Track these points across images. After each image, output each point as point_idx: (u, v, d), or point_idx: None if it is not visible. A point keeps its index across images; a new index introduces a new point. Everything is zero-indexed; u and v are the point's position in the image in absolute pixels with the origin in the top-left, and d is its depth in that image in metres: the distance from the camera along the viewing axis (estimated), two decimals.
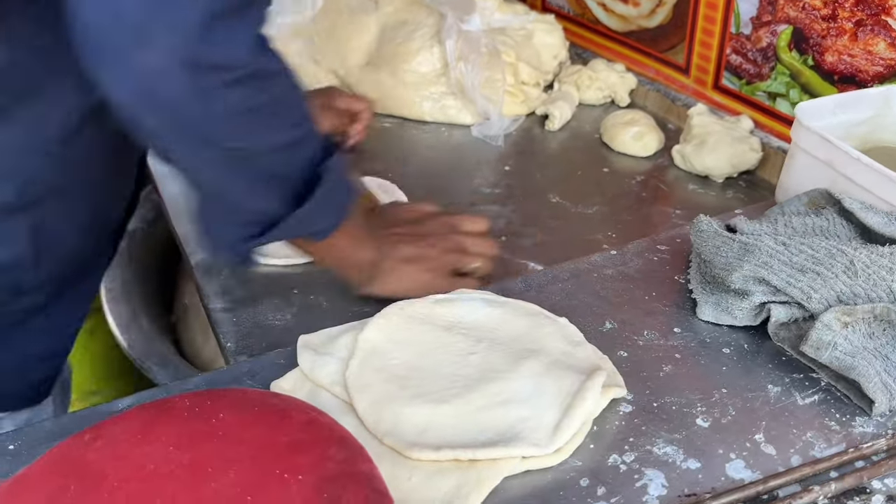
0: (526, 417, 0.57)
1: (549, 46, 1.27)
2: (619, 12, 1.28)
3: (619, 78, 1.25)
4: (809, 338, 0.62)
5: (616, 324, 0.69)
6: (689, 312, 0.71)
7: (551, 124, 1.18)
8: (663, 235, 0.83)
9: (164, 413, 0.49)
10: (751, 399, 0.62)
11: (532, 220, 0.96)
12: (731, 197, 1.02)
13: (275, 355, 0.67)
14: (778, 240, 0.68)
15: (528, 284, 0.76)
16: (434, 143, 1.16)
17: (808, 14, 0.97)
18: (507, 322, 0.67)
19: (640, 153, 1.11)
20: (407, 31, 1.19)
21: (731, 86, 1.12)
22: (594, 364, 0.62)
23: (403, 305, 0.68)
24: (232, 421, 0.48)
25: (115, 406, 0.61)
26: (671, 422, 0.59)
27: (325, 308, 0.81)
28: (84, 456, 0.47)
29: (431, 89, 1.18)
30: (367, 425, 0.57)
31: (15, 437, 0.59)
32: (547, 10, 1.44)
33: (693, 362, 0.65)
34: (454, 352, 0.63)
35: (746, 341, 0.68)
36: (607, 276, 0.76)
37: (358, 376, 0.60)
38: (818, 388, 0.63)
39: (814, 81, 0.99)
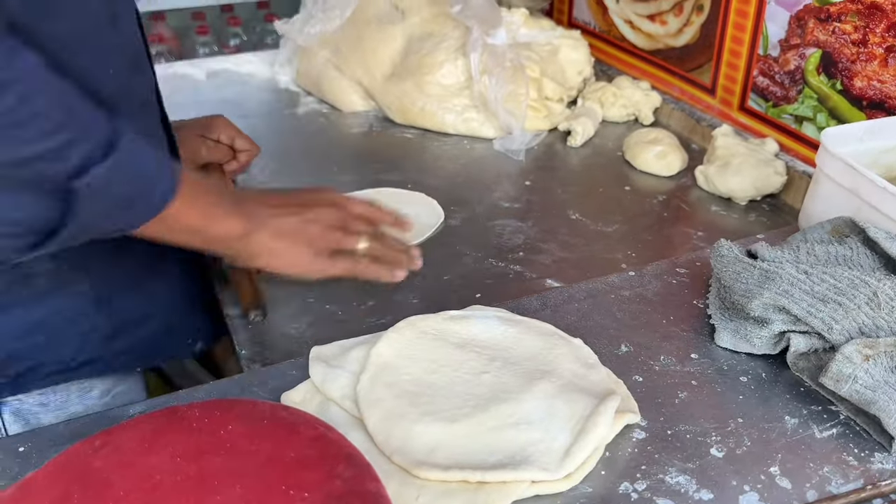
0: (537, 440, 0.56)
1: (574, 62, 1.27)
2: (645, 30, 1.28)
3: (644, 96, 1.24)
4: (829, 370, 0.60)
5: (632, 347, 0.68)
6: (706, 338, 0.70)
7: (573, 140, 1.18)
8: (683, 258, 0.81)
9: (173, 422, 0.49)
10: (767, 430, 0.60)
11: (551, 237, 0.96)
12: (753, 220, 1.00)
13: (287, 365, 0.67)
14: (800, 268, 0.67)
15: (543, 303, 0.75)
16: (455, 156, 1.16)
17: (837, 38, 0.96)
18: (521, 341, 0.66)
19: (663, 172, 1.10)
20: (432, 42, 1.19)
21: (758, 108, 1.10)
22: (608, 388, 0.61)
23: (416, 320, 0.68)
24: (240, 433, 0.48)
25: (125, 411, 0.61)
26: (685, 450, 0.58)
27: (340, 318, 0.81)
28: (90, 463, 0.47)
29: (454, 101, 1.18)
30: (377, 442, 0.56)
31: (25, 440, 0.59)
32: (573, 25, 1.43)
33: (709, 390, 0.64)
34: (467, 370, 0.63)
35: (764, 370, 0.67)
36: (625, 297, 0.75)
37: (369, 391, 0.60)
38: (837, 422, 0.61)
39: (842, 106, 0.98)
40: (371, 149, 1.17)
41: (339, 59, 1.24)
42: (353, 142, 1.20)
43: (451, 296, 0.85)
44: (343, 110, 1.26)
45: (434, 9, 1.22)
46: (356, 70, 1.22)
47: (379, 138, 1.20)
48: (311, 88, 1.29)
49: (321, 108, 1.28)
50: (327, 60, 1.24)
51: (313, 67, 1.26)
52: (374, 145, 1.18)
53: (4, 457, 0.57)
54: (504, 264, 0.90)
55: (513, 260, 0.91)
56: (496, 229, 0.97)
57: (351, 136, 1.21)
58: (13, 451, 0.58)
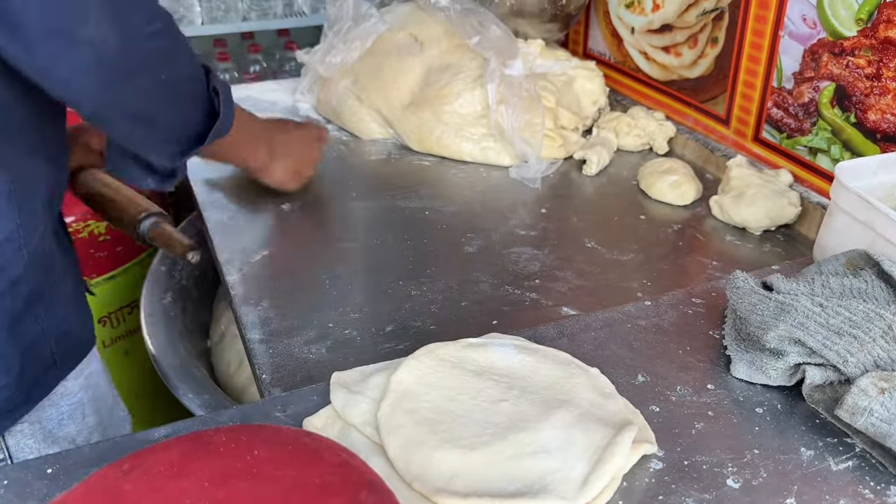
0: (555, 469, 0.57)
1: (590, 92, 1.29)
2: (660, 61, 1.30)
3: (658, 126, 1.26)
4: (845, 402, 0.61)
5: (649, 377, 0.69)
6: (722, 369, 0.70)
7: (589, 169, 1.19)
8: (699, 288, 0.82)
9: (201, 447, 0.50)
10: (783, 462, 0.61)
11: (566, 265, 0.97)
12: (768, 251, 1.01)
13: (308, 391, 0.68)
14: (815, 300, 0.67)
15: (560, 331, 0.76)
16: (472, 183, 1.17)
17: (851, 72, 0.97)
18: (538, 370, 0.67)
19: (678, 202, 1.11)
20: (450, 73, 1.21)
21: (772, 139, 1.12)
22: (625, 418, 0.62)
23: (434, 348, 0.69)
24: (266, 458, 0.49)
25: (151, 434, 0.63)
26: (702, 481, 0.59)
27: (359, 343, 0.82)
28: (120, 486, 0.48)
29: (472, 130, 1.20)
30: (397, 468, 0.57)
31: (53, 461, 0.60)
32: (588, 56, 1.46)
33: (726, 421, 0.65)
34: (485, 398, 0.64)
35: (780, 402, 0.67)
36: (641, 327, 0.76)
37: (389, 418, 0.61)
38: (853, 454, 0.62)
39: (856, 139, 0.99)
40: (389, 175, 1.19)
41: (358, 89, 1.26)
42: (371, 168, 1.22)
43: (467, 322, 0.86)
44: (362, 138, 1.29)
45: (452, 41, 1.24)
46: (375, 99, 1.25)
47: (397, 165, 1.22)
48: (330, 116, 1.32)
49: (341, 135, 1.31)
50: (347, 90, 1.27)
51: (333, 96, 1.28)
52: (392, 172, 1.20)
53: (33, 478, 0.59)
54: (520, 292, 0.91)
55: (529, 287, 0.92)
56: (512, 256, 0.98)
57: (370, 162, 1.23)
58: (41, 472, 0.59)
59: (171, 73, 0.73)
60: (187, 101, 0.78)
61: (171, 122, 0.78)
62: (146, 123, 0.75)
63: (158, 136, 0.78)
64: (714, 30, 1.17)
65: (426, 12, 1.27)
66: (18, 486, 0.58)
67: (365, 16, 1.28)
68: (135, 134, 0.76)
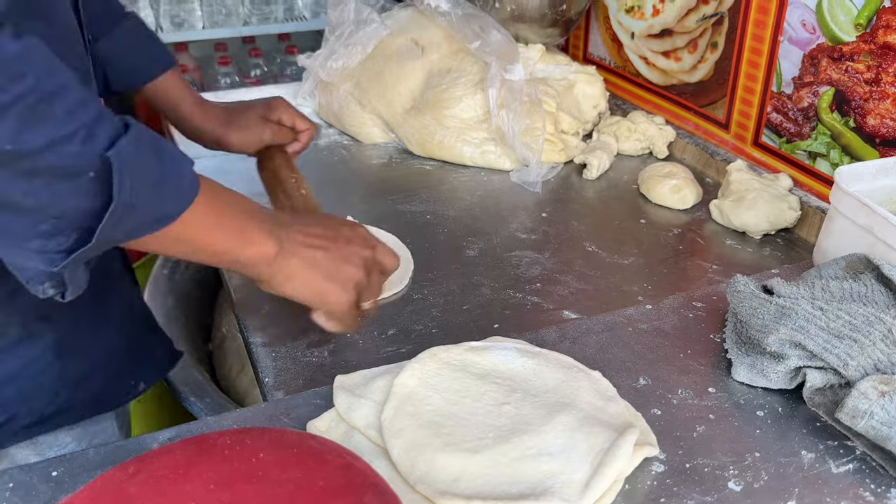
0: (557, 472, 0.57)
1: (590, 97, 1.29)
2: (660, 66, 1.30)
3: (658, 130, 1.26)
4: (845, 405, 0.61)
5: (650, 380, 0.70)
6: (723, 372, 0.71)
7: (589, 173, 1.20)
8: (699, 292, 0.83)
9: (205, 450, 0.50)
10: (784, 464, 0.61)
11: (567, 268, 0.97)
12: (768, 254, 1.02)
13: (311, 394, 0.68)
14: (815, 304, 0.68)
15: (562, 335, 0.76)
16: (473, 187, 1.18)
17: (850, 77, 0.98)
18: (540, 373, 0.67)
19: (678, 206, 1.12)
20: (451, 77, 1.21)
21: (771, 143, 1.12)
22: (627, 421, 0.62)
23: (437, 351, 0.69)
24: (271, 462, 0.49)
25: (155, 438, 0.63)
26: (703, 484, 0.59)
27: (361, 347, 0.83)
28: (125, 489, 0.48)
29: (473, 135, 1.20)
30: (401, 471, 0.57)
31: (58, 465, 0.60)
32: (588, 61, 1.46)
33: (727, 424, 0.65)
34: (488, 401, 0.64)
35: (781, 405, 0.67)
36: (642, 330, 0.76)
37: (392, 421, 0.61)
38: (853, 457, 0.62)
39: (855, 143, 0.99)
40: (390, 179, 1.20)
41: (360, 93, 1.27)
42: (373, 172, 1.22)
43: (469, 326, 0.86)
44: (363, 142, 1.29)
45: (453, 45, 1.25)
46: (377, 104, 1.25)
47: (398, 169, 1.23)
48: (332, 120, 1.32)
49: (342, 139, 1.31)
50: (348, 94, 1.27)
51: (335, 100, 1.29)
52: (393, 176, 1.21)
53: (38, 481, 0.59)
54: (521, 295, 0.92)
55: (530, 291, 0.92)
56: (513, 260, 0.99)
57: (371, 167, 1.24)
58: (46, 476, 0.59)
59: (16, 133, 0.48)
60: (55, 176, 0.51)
61: (28, 206, 0.51)
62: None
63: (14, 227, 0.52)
64: (714, 35, 1.18)
65: (427, 17, 1.28)
66: (23, 489, 0.58)
67: (366, 20, 1.29)
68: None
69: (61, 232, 0.52)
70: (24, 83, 0.48)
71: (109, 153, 0.52)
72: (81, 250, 0.53)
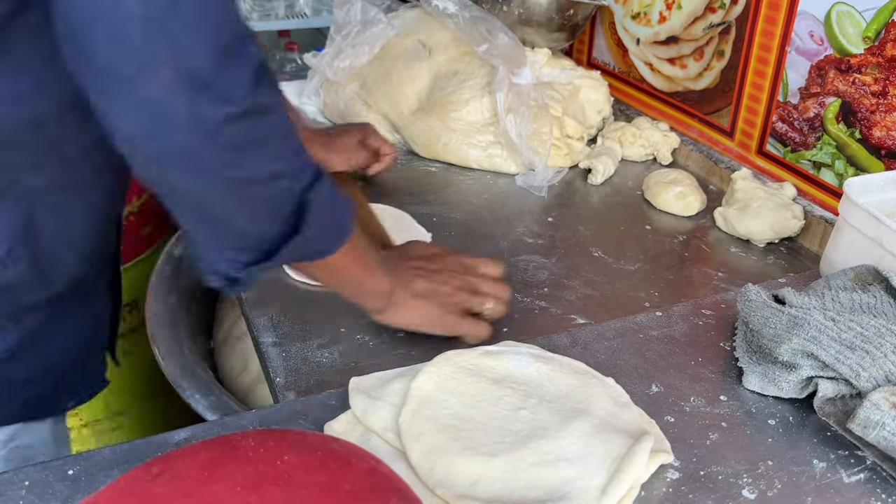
0: (575, 478, 0.58)
1: (594, 102, 1.30)
2: (665, 73, 1.31)
3: (663, 137, 1.27)
4: (857, 416, 0.62)
5: (662, 387, 0.70)
6: (734, 381, 0.72)
7: (594, 178, 1.20)
8: (708, 300, 0.83)
9: (229, 451, 0.50)
10: (797, 473, 0.62)
11: (574, 273, 0.98)
12: (772, 262, 1.03)
13: (326, 396, 0.68)
14: (827, 315, 0.68)
15: (573, 340, 0.77)
16: (478, 191, 1.18)
17: (857, 89, 0.99)
18: (554, 379, 0.68)
19: (683, 213, 1.12)
20: (458, 80, 1.22)
21: (776, 152, 1.13)
22: (641, 428, 0.63)
23: (452, 355, 0.69)
24: (296, 464, 0.49)
25: (171, 437, 0.63)
26: (717, 491, 0.60)
27: (372, 348, 0.83)
28: (151, 490, 0.48)
29: (479, 138, 1.21)
30: (420, 475, 0.58)
31: (74, 463, 0.60)
32: (593, 66, 1.47)
33: (739, 432, 0.66)
34: (504, 406, 0.64)
35: (791, 414, 0.68)
36: (653, 337, 0.77)
37: (410, 424, 0.61)
38: (864, 467, 0.63)
39: (860, 154, 1.01)
40: (396, 181, 1.20)
41: (366, 94, 1.26)
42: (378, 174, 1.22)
43: None
44: None
45: (461, 48, 1.25)
46: (383, 104, 1.25)
47: (404, 171, 1.23)
48: (337, 120, 1.32)
49: None
50: (355, 94, 1.27)
51: (340, 100, 1.29)
52: (399, 178, 1.21)
53: (54, 479, 0.59)
54: (529, 300, 0.92)
55: (538, 295, 0.93)
56: (521, 264, 0.99)
57: None
58: (62, 474, 0.59)
59: (249, 167, 0.57)
60: (264, 205, 0.60)
61: (237, 225, 0.61)
62: (205, 219, 0.60)
63: (218, 238, 0.62)
64: (720, 43, 1.18)
65: (434, 19, 1.28)
66: (39, 487, 0.58)
67: (373, 20, 1.28)
68: (191, 224, 0.62)
69: (251, 249, 0.62)
70: (269, 125, 0.57)
71: (309, 195, 0.61)
72: (260, 265, 0.62)
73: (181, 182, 0.57)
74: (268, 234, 0.61)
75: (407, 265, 0.79)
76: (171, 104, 0.51)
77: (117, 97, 0.51)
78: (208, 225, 0.61)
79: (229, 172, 0.56)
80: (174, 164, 0.55)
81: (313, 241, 0.64)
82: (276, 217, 0.61)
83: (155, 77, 0.50)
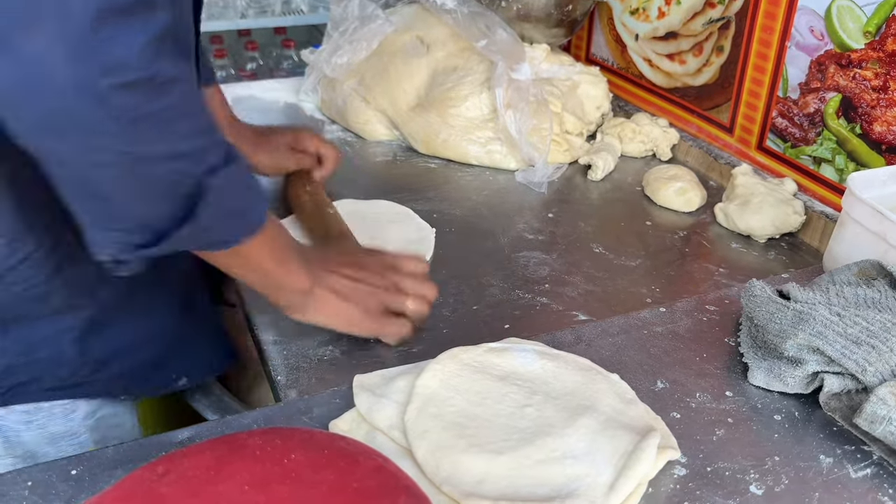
0: (583, 475, 0.57)
1: (593, 98, 1.29)
2: (664, 69, 1.31)
3: (662, 132, 1.27)
4: (864, 411, 0.62)
5: (668, 383, 0.70)
6: (739, 376, 0.71)
7: (594, 174, 1.20)
8: (711, 295, 0.83)
9: (236, 450, 0.50)
10: (803, 469, 0.62)
11: (575, 269, 0.97)
12: (773, 258, 1.03)
13: (330, 394, 0.68)
14: (832, 310, 0.68)
15: (577, 337, 0.76)
16: (478, 187, 1.17)
17: (858, 84, 0.98)
18: (560, 376, 0.67)
19: (683, 208, 1.12)
20: (457, 76, 1.21)
21: (776, 147, 1.13)
22: (648, 424, 0.63)
23: (457, 352, 0.69)
24: (303, 463, 0.49)
25: (174, 437, 0.62)
26: (725, 487, 0.59)
27: (372, 345, 0.82)
28: (156, 489, 0.48)
29: (478, 134, 1.20)
30: (426, 472, 0.57)
31: (77, 463, 0.60)
32: (591, 62, 1.46)
33: (745, 428, 0.65)
34: (509, 403, 0.64)
35: (797, 409, 0.68)
36: (657, 333, 0.77)
37: (416, 422, 0.61)
38: (871, 462, 0.63)
39: (860, 149, 1.00)
40: (395, 177, 1.19)
41: (364, 90, 1.26)
42: (377, 170, 1.22)
43: (480, 326, 0.86)
44: (367, 139, 1.28)
45: (459, 43, 1.24)
46: (381, 101, 1.24)
47: (402, 167, 1.22)
48: (335, 117, 1.31)
49: (346, 136, 1.30)
50: (352, 91, 1.27)
51: (338, 96, 1.28)
52: (397, 174, 1.20)
53: (57, 479, 0.58)
54: (531, 296, 0.92)
55: (539, 292, 0.93)
56: (521, 261, 0.99)
57: (375, 164, 1.23)
58: (65, 474, 0.59)
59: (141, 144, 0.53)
60: (156, 185, 0.57)
61: (123, 204, 0.57)
62: (87, 194, 0.57)
63: (102, 216, 0.58)
64: (720, 38, 1.18)
65: (432, 14, 1.27)
66: (43, 487, 0.57)
67: (371, 16, 1.28)
68: (73, 200, 0.57)
69: (140, 231, 0.58)
70: (169, 100, 0.54)
71: (211, 180, 0.58)
72: (149, 250, 0.59)
73: (65, 152, 0.53)
74: (159, 215, 0.58)
75: (329, 262, 0.77)
76: (52, 63, 0.48)
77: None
78: (95, 202, 0.57)
79: (121, 146, 0.53)
80: (56, 128, 0.51)
81: (212, 229, 0.61)
82: (169, 199, 0.57)
83: (35, 31, 0.48)
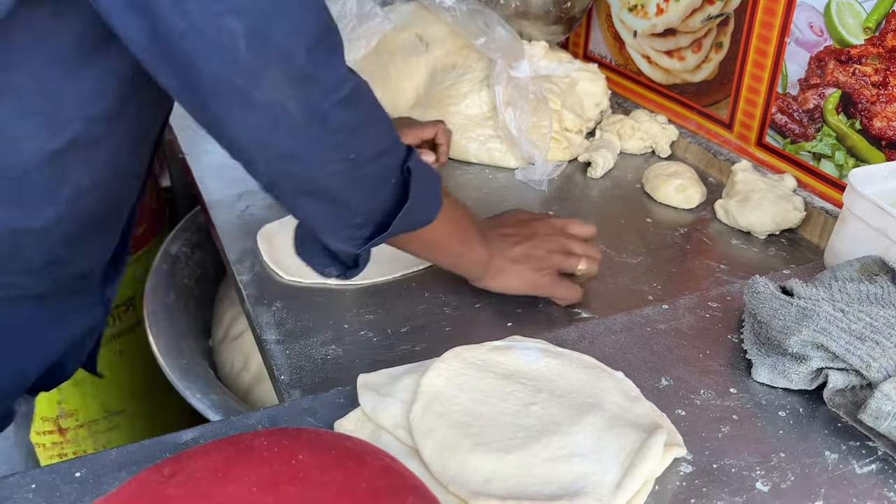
0: (589, 473, 0.57)
1: (592, 95, 1.29)
2: (663, 65, 1.31)
3: (661, 129, 1.27)
4: (868, 406, 0.62)
5: (672, 381, 0.70)
6: (743, 373, 0.71)
7: (594, 172, 1.20)
8: (714, 292, 0.83)
9: (243, 451, 0.49)
10: (809, 465, 0.62)
11: None
12: (773, 254, 1.03)
13: (334, 394, 0.68)
14: (836, 306, 0.68)
15: (581, 334, 0.76)
16: (478, 185, 1.17)
17: (858, 80, 0.99)
18: (564, 374, 0.67)
19: (683, 205, 1.12)
20: (456, 74, 1.21)
21: (775, 144, 1.13)
22: (653, 421, 0.63)
23: (461, 351, 0.69)
24: (311, 463, 0.48)
25: (178, 438, 0.62)
26: (731, 484, 0.59)
27: (375, 344, 0.82)
28: (163, 491, 0.47)
29: (478, 132, 1.20)
30: (433, 472, 0.57)
31: (80, 465, 0.59)
32: (589, 59, 1.46)
33: (750, 424, 0.65)
34: (514, 401, 0.64)
35: (801, 405, 0.68)
36: (660, 330, 0.77)
37: (422, 421, 0.61)
38: (876, 458, 0.63)
39: (860, 145, 1.01)
40: None
41: None
42: None
43: (482, 324, 0.86)
44: None
45: (458, 41, 1.24)
46: (381, 99, 1.23)
47: None
48: None
49: None
50: None
51: None
52: None
53: (61, 482, 0.58)
54: None
55: None
56: None
57: None
58: (69, 476, 0.58)
59: (359, 147, 0.62)
60: (375, 180, 0.66)
61: (354, 203, 0.66)
62: (326, 202, 0.65)
63: (339, 218, 0.67)
64: (719, 35, 1.18)
65: (431, 12, 1.27)
66: (46, 490, 0.57)
67: (369, 14, 1.27)
68: (313, 212, 0.66)
69: (367, 224, 0.68)
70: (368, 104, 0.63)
71: (409, 164, 0.68)
72: (379, 237, 0.69)
73: (304, 172, 0.62)
74: (382, 207, 0.68)
75: (501, 232, 0.85)
76: (286, 103, 0.55)
77: (233, 108, 0.55)
78: (328, 207, 0.66)
79: (344, 154, 0.61)
80: (296, 157, 0.60)
81: (418, 209, 0.70)
82: (386, 190, 0.67)
83: (266, 82, 0.54)
